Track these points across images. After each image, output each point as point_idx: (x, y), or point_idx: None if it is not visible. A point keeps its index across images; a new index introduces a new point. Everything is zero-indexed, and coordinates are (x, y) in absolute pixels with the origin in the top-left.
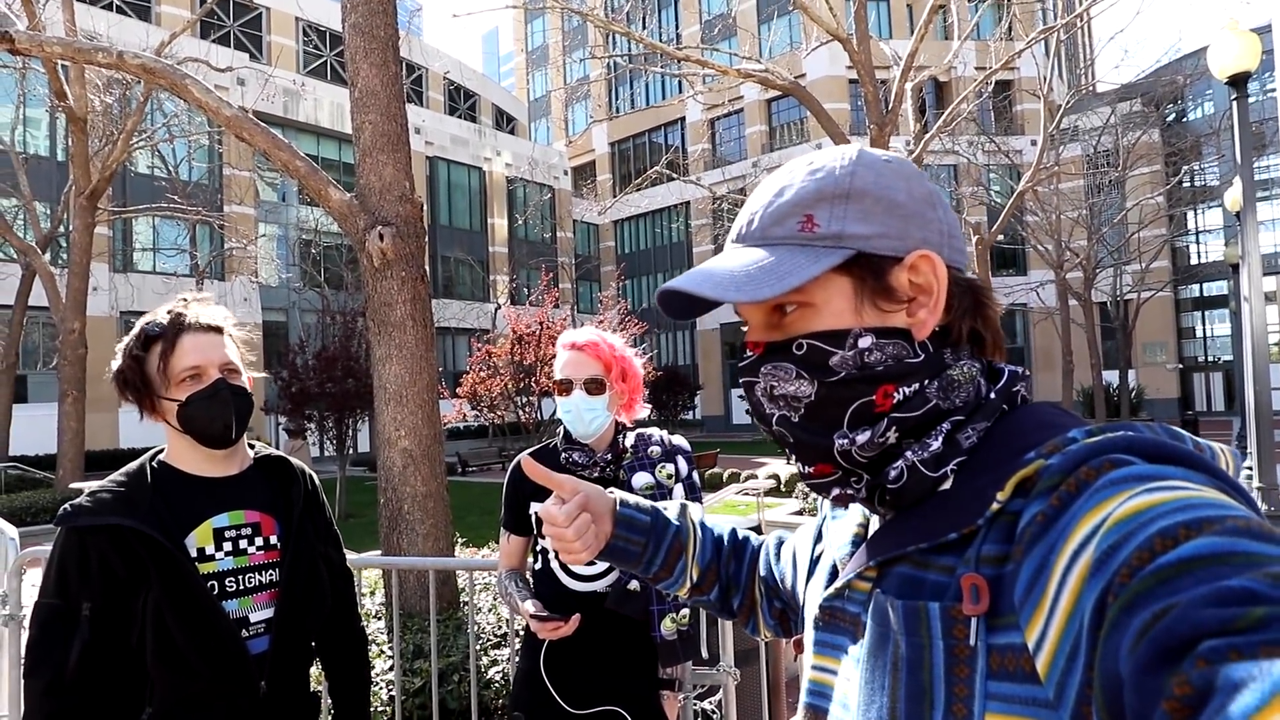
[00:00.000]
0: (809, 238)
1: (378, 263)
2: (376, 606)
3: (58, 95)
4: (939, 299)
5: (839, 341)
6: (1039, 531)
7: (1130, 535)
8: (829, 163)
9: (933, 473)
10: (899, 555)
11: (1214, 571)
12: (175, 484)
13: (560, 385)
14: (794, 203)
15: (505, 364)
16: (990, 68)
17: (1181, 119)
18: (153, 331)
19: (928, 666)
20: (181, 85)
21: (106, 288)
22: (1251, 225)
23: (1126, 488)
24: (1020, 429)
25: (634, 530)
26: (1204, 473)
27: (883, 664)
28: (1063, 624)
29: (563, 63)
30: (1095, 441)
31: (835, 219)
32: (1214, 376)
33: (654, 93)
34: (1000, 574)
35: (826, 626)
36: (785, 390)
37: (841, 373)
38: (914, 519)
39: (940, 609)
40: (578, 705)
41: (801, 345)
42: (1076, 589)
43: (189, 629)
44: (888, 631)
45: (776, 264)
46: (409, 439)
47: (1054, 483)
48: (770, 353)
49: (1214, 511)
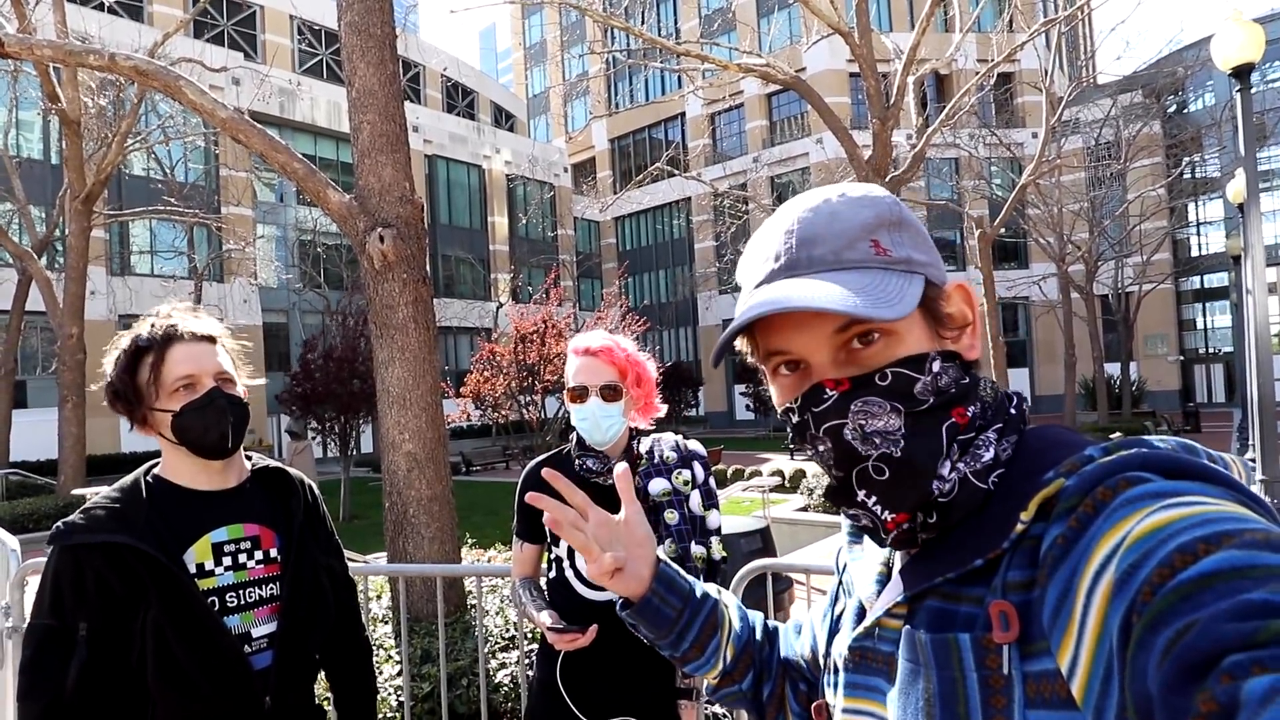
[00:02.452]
0: (887, 261)
1: (378, 265)
2: (383, 611)
3: (50, 98)
4: (977, 323)
5: (920, 367)
6: (1060, 554)
7: (1150, 553)
8: (866, 191)
9: (982, 483)
10: (928, 589)
11: (1234, 586)
12: (171, 499)
13: (574, 392)
14: (859, 226)
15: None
16: (992, 60)
17: (1183, 110)
18: (141, 342)
19: (963, 700)
20: (175, 87)
21: (104, 291)
22: (1255, 217)
23: (1143, 505)
24: (1032, 450)
25: (673, 592)
26: (1220, 486)
27: (915, 701)
28: (1093, 647)
29: (561, 58)
30: (1110, 460)
31: (899, 245)
32: (1215, 368)
33: (654, 88)
34: (1028, 599)
35: (857, 668)
36: (876, 426)
37: (927, 400)
38: (940, 550)
39: (971, 639)
40: (595, 715)
41: (886, 375)
42: (1102, 610)
43: (191, 647)
44: (919, 667)
45: (882, 284)
46: (413, 442)
47: (1072, 504)
48: (858, 388)
49: (1232, 525)
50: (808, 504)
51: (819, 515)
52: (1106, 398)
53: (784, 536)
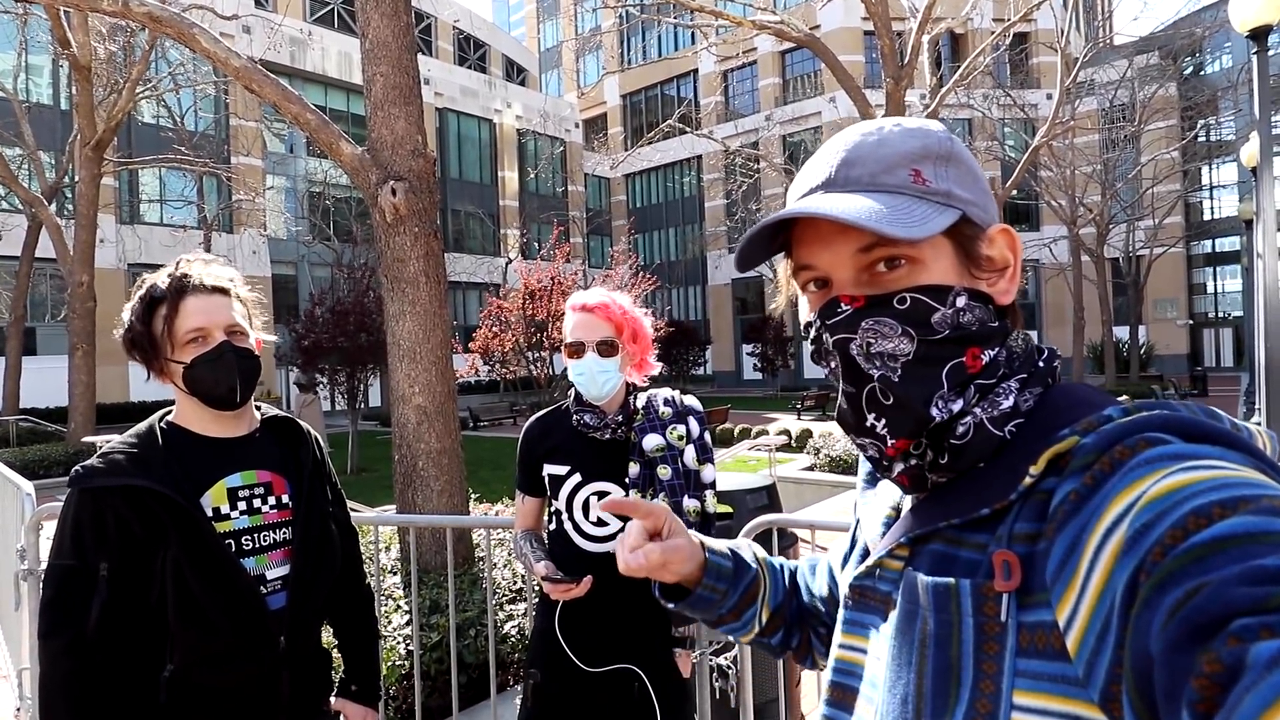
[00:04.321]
0: (923, 190)
1: (390, 218)
2: (392, 562)
3: (61, 43)
4: (1016, 270)
5: (942, 298)
6: (1072, 509)
7: (1164, 514)
8: (922, 124)
9: (998, 430)
10: (932, 532)
11: (1247, 550)
12: (187, 445)
13: (572, 348)
14: (902, 154)
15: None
16: (1008, 20)
17: (1199, 73)
18: (156, 294)
19: (956, 643)
20: (189, 34)
21: (114, 240)
22: (1267, 181)
23: (1161, 466)
24: (1055, 407)
25: (720, 579)
26: (1241, 451)
27: (910, 641)
28: (1094, 602)
29: (574, 12)
30: (1131, 420)
31: (941, 178)
32: (1223, 332)
33: (666, 44)
34: (1032, 552)
35: (856, 605)
36: (883, 347)
37: (942, 331)
38: (948, 496)
39: (971, 586)
40: (593, 664)
41: (905, 299)
42: (1108, 567)
43: (210, 587)
44: (916, 608)
45: (910, 209)
46: (423, 395)
47: (1088, 461)
48: (872, 306)
49: (1249, 490)
50: (814, 463)
51: (825, 474)
52: (1114, 361)
53: (790, 495)
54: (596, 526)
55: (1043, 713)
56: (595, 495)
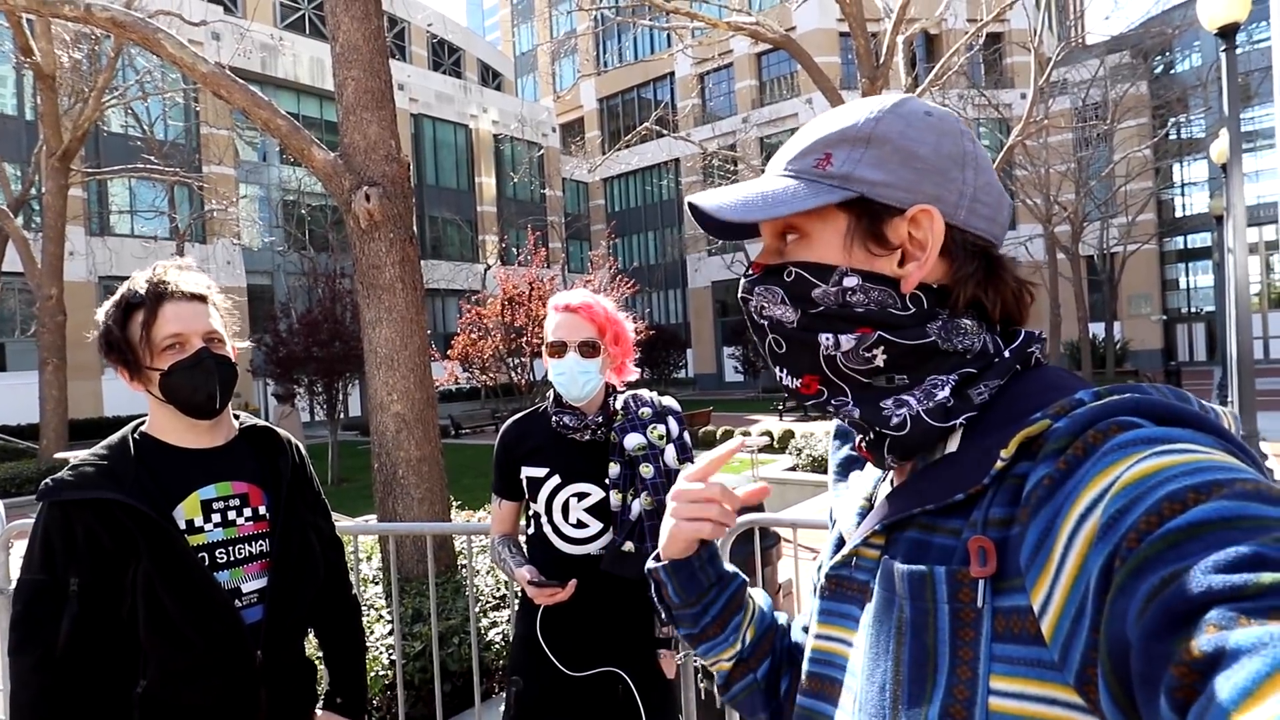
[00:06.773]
0: (819, 174)
1: (364, 224)
2: (374, 571)
3: (23, 51)
4: (930, 256)
5: (824, 276)
6: (1045, 495)
7: (1138, 499)
8: (864, 107)
9: (939, 423)
10: (906, 519)
11: (1223, 536)
12: (159, 456)
13: (553, 347)
14: (821, 140)
15: (496, 325)
16: (981, 20)
17: (1170, 71)
18: (134, 299)
19: (932, 630)
20: (154, 40)
21: (84, 252)
22: (1237, 177)
23: (1134, 451)
24: (1026, 391)
25: (714, 563)
26: (1211, 434)
27: (887, 629)
28: (1068, 587)
29: (549, 15)
30: (1102, 404)
31: (850, 161)
32: (1196, 327)
33: (642, 47)
34: (1006, 537)
35: (833, 595)
36: (772, 313)
37: (822, 306)
38: (921, 483)
39: (946, 572)
40: (575, 668)
41: (791, 272)
42: (1082, 553)
43: (181, 600)
44: (893, 596)
45: (780, 193)
46: (401, 403)
47: (1061, 445)
48: (765, 275)
49: (1223, 475)
50: (796, 464)
51: (807, 475)
52: (1090, 357)
53: (772, 496)
54: (576, 529)
55: (1020, 696)
56: (575, 497)
